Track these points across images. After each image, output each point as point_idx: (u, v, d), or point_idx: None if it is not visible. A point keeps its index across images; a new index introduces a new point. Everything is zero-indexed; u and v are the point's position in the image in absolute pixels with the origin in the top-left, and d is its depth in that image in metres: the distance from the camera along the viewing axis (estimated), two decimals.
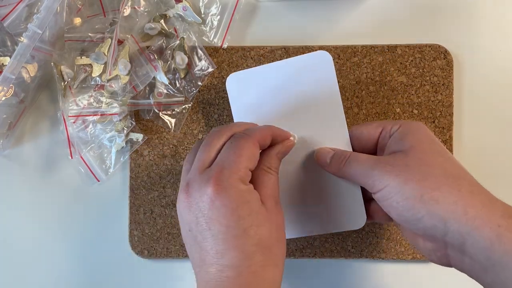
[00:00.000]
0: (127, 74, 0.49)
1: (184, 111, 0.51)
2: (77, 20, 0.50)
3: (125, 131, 0.50)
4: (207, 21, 0.52)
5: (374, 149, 0.42)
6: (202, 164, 0.37)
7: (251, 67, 0.45)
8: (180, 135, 0.51)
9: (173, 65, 0.50)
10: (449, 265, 0.37)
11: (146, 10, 0.51)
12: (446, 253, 0.36)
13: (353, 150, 0.43)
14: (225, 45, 0.51)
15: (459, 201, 0.35)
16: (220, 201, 0.35)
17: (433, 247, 0.37)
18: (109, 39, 0.49)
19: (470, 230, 0.34)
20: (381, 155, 0.40)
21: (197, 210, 0.36)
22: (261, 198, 0.37)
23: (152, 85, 0.51)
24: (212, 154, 0.38)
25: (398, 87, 0.51)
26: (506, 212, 0.34)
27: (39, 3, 0.47)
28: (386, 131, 0.41)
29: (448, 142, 0.50)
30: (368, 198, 0.43)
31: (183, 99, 0.51)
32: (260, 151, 0.39)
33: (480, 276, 0.35)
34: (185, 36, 0.51)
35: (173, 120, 0.51)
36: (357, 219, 0.43)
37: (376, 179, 0.37)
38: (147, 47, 0.51)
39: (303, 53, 0.51)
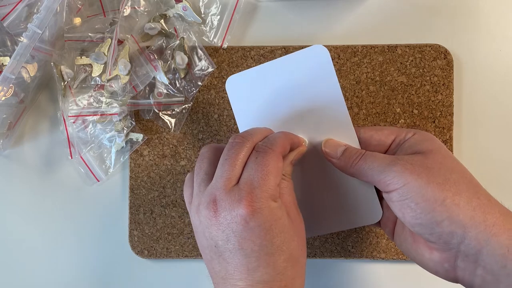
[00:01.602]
0: (127, 74, 0.49)
1: (184, 111, 0.51)
2: (77, 20, 0.50)
3: (125, 131, 0.50)
4: (207, 21, 0.52)
5: None
6: (229, 181, 0.36)
7: (251, 67, 0.44)
8: (180, 135, 0.51)
9: (173, 65, 0.50)
10: (455, 278, 0.36)
11: (146, 10, 0.51)
12: (455, 265, 0.35)
13: None
14: (225, 45, 0.51)
15: (479, 208, 0.34)
16: (254, 223, 0.35)
17: (440, 258, 0.36)
18: (109, 39, 0.49)
19: (488, 237, 0.33)
20: None
21: (228, 229, 0.35)
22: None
23: (152, 85, 0.51)
24: (237, 170, 0.36)
25: (398, 87, 0.51)
26: None
27: (39, 3, 0.47)
28: (399, 138, 0.40)
29: (448, 142, 0.50)
30: None
31: (183, 99, 0.51)
32: None
33: None
34: (185, 36, 0.51)
35: (173, 120, 0.51)
36: (373, 213, 0.42)
37: (394, 176, 0.36)
38: (147, 47, 0.51)
39: None
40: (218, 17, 0.52)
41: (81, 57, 0.50)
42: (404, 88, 0.51)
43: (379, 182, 0.37)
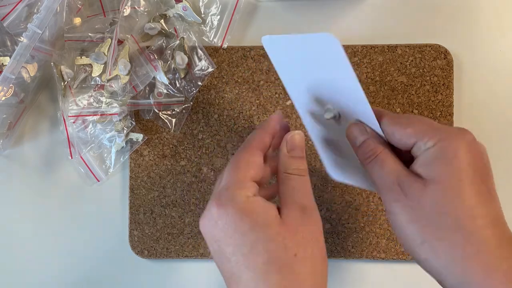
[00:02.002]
0: (127, 74, 0.49)
1: (184, 111, 0.51)
2: (77, 20, 0.50)
3: (125, 131, 0.50)
4: (207, 21, 0.52)
5: (403, 152, 0.37)
6: (216, 190, 0.35)
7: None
8: (180, 135, 0.51)
9: (173, 65, 0.50)
10: None
11: (146, 10, 0.51)
12: None
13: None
14: (225, 45, 0.51)
15: (459, 261, 0.32)
16: (222, 220, 0.33)
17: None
18: (109, 39, 0.49)
19: None
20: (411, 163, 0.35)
21: (209, 234, 0.34)
22: (280, 207, 0.34)
23: (152, 85, 0.51)
24: (223, 176, 0.36)
25: (398, 87, 0.51)
26: (509, 278, 0.31)
27: (39, 3, 0.47)
28: (419, 145, 0.34)
29: None
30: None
31: (183, 99, 0.51)
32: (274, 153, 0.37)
33: None
34: (185, 36, 0.51)
35: (173, 120, 0.51)
36: None
37: (386, 201, 0.34)
38: (147, 47, 0.51)
39: None
40: (218, 17, 0.52)
41: (81, 57, 0.50)
42: (404, 88, 0.51)
43: (378, 193, 0.36)
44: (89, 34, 0.50)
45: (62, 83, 0.50)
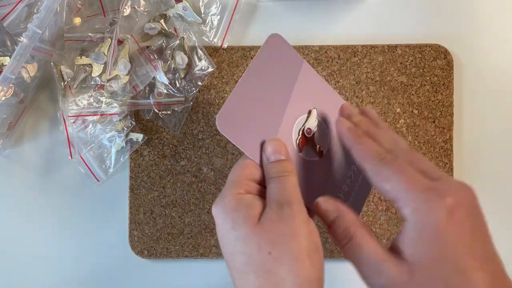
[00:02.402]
0: (127, 74, 0.49)
1: (184, 111, 0.51)
2: (77, 20, 0.50)
3: (125, 131, 0.50)
4: (207, 21, 0.52)
5: None
6: None
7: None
8: (180, 135, 0.51)
9: (173, 65, 0.50)
10: None
11: (146, 10, 0.51)
12: None
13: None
14: (225, 45, 0.51)
15: None
16: (215, 218, 0.33)
17: None
18: (109, 39, 0.49)
19: None
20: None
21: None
22: (263, 209, 0.33)
23: (152, 85, 0.51)
24: None
25: (398, 87, 0.51)
26: None
27: (39, 3, 0.47)
28: (398, 205, 0.32)
29: (448, 142, 0.50)
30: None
31: (183, 99, 0.51)
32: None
33: None
34: (185, 36, 0.51)
35: (173, 120, 0.51)
36: None
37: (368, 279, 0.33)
38: (147, 47, 0.51)
39: (303, 53, 0.51)
40: (218, 17, 0.52)
41: (81, 57, 0.50)
42: (404, 88, 0.51)
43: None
44: (89, 34, 0.50)
45: (62, 83, 0.50)
